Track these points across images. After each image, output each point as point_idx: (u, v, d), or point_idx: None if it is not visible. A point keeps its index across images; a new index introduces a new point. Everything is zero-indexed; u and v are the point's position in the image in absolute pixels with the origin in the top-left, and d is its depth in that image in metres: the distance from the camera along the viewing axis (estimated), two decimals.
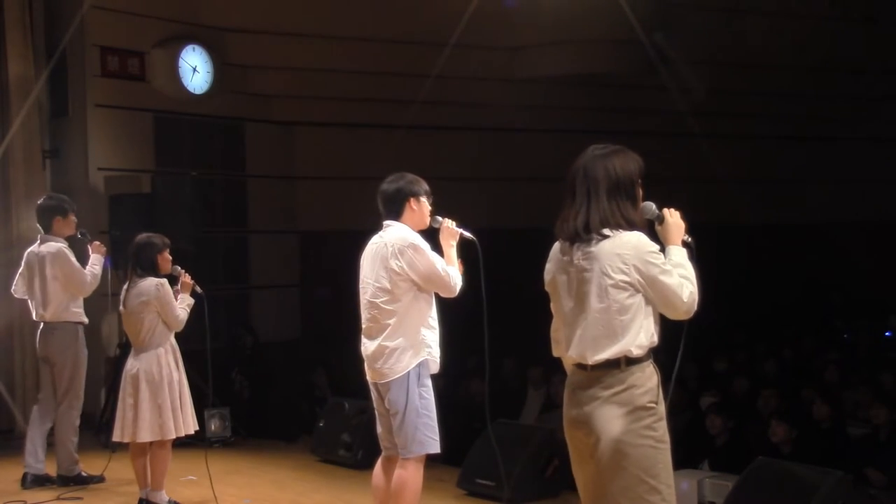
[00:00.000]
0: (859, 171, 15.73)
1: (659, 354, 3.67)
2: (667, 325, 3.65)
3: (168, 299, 6.11)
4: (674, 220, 3.64)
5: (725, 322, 13.64)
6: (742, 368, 10.35)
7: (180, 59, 10.49)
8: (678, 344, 3.74)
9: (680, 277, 3.47)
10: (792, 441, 7.07)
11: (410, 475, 4.79)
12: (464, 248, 5.00)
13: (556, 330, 3.70)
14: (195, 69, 10.61)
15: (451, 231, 4.98)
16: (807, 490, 5.28)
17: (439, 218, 5.00)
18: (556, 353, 3.74)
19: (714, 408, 7.86)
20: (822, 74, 14.49)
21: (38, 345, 7.11)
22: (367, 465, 5.15)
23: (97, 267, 7.01)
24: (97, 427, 8.79)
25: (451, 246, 4.96)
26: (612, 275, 3.41)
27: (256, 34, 11.24)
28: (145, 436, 6.05)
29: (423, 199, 4.93)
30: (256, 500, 6.77)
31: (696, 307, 3.50)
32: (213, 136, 11.27)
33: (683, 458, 7.16)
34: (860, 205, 15.76)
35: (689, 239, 3.65)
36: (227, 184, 11.47)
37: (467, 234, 4.98)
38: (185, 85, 10.54)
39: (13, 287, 7.23)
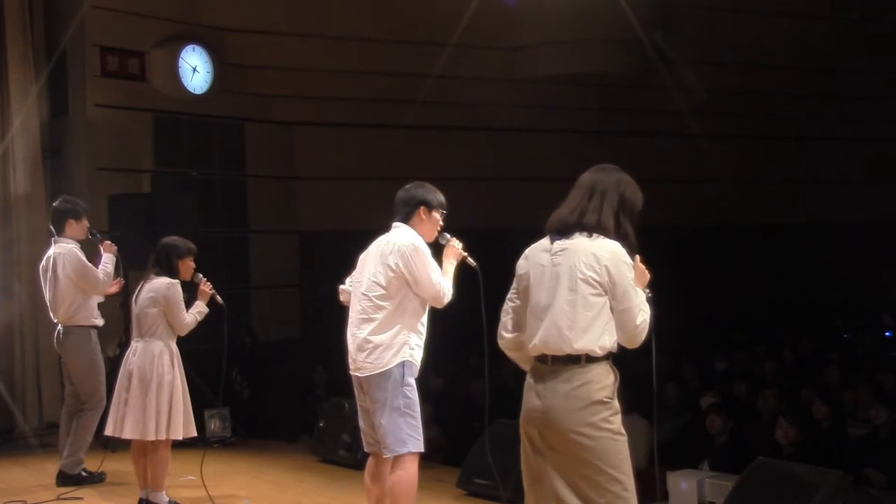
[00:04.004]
0: (859, 171, 15.73)
1: (658, 354, 3.72)
2: (665, 325, 3.72)
3: (176, 300, 6.10)
4: (640, 267, 3.75)
5: (725, 322, 13.64)
6: (742, 368, 10.34)
7: (180, 59, 10.50)
8: (678, 344, 3.78)
9: (641, 303, 3.61)
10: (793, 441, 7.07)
11: (407, 475, 4.78)
12: (465, 272, 4.95)
13: (507, 312, 3.86)
14: (195, 69, 10.62)
15: (455, 251, 4.97)
16: (807, 490, 5.27)
17: (447, 235, 4.99)
18: (501, 341, 3.96)
19: (714, 408, 7.85)
20: (822, 74, 14.49)
21: (55, 346, 7.13)
22: None
23: (109, 266, 7.02)
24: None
25: (451, 264, 4.95)
26: (584, 270, 3.56)
27: (256, 34, 11.25)
28: (128, 433, 6.02)
29: (435, 213, 4.92)
30: (256, 501, 6.76)
31: (642, 339, 3.63)
32: (213, 136, 11.28)
33: (683, 458, 7.17)
34: (859, 205, 15.75)
35: (650, 294, 3.74)
36: (227, 184, 11.47)
37: (471, 261, 4.95)
38: (185, 85, 10.55)
39: (46, 296, 7.15)
